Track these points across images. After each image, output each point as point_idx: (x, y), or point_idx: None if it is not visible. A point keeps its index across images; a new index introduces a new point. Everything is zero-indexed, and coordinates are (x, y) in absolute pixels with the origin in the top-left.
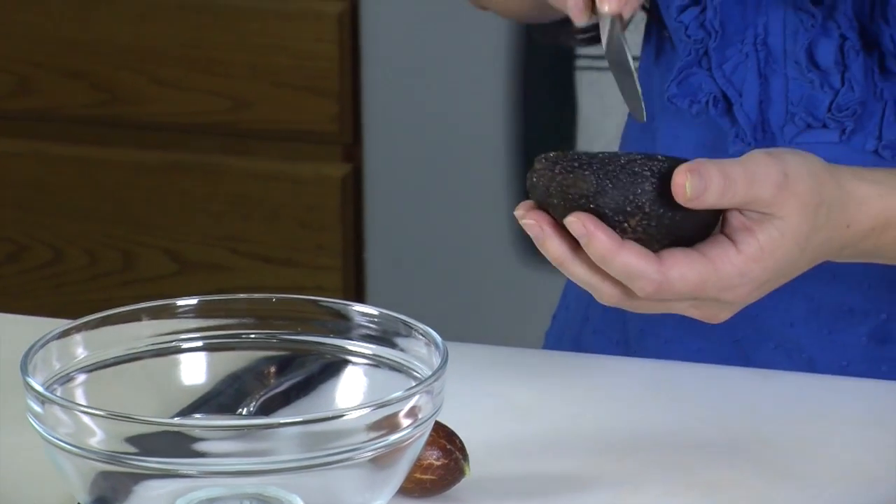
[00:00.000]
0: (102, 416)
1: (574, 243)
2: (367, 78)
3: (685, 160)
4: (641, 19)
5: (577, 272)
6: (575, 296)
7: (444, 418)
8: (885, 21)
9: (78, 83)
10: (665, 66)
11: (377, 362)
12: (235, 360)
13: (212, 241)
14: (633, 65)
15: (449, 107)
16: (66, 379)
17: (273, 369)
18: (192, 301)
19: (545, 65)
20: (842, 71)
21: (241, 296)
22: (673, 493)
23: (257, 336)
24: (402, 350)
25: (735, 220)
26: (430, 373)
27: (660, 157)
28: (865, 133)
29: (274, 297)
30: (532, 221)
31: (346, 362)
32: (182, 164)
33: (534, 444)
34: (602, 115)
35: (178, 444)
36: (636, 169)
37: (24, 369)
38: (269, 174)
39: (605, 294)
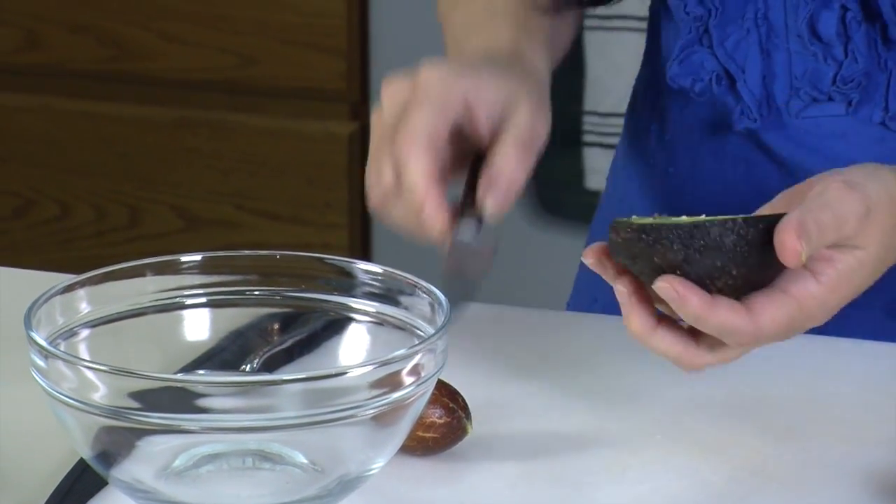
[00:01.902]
0: (105, 371)
1: (654, 317)
2: (375, 35)
3: (764, 218)
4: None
5: (661, 344)
6: (585, 278)
7: (446, 376)
8: None
9: (85, 38)
10: (666, 45)
11: (380, 320)
12: (239, 317)
13: (219, 197)
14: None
15: None
16: (70, 334)
17: (276, 326)
18: (196, 257)
19: None
20: (845, 42)
21: (246, 252)
22: (674, 452)
23: (261, 293)
24: (405, 308)
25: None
26: (433, 331)
27: (739, 219)
28: (872, 104)
29: (278, 253)
30: (624, 289)
31: (350, 320)
32: (189, 120)
33: (535, 403)
34: (610, 74)
35: (180, 400)
36: (721, 238)
37: (28, 323)
38: (277, 131)
39: (687, 361)
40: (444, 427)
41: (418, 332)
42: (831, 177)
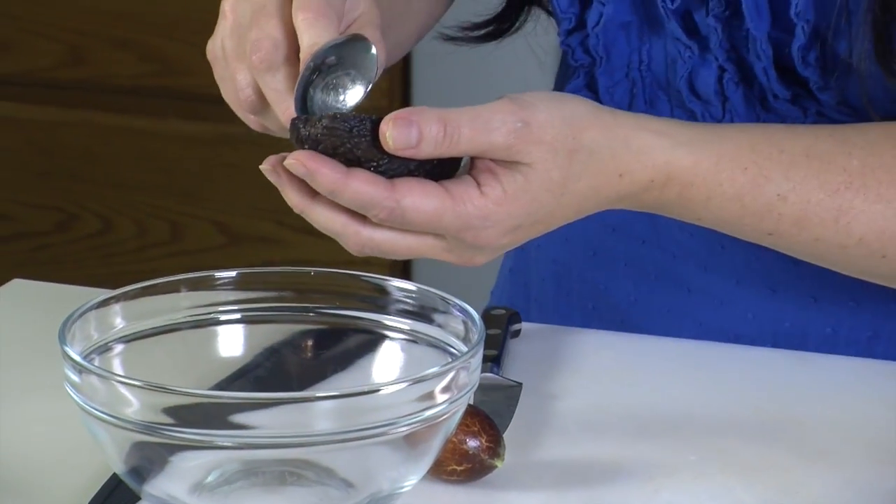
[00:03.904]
0: (139, 387)
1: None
2: (418, 53)
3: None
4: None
5: (320, 217)
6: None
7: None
8: (757, 56)
9: (128, 54)
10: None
11: (414, 338)
12: (273, 334)
13: (260, 213)
14: None
15: (499, 82)
16: (104, 349)
17: (310, 343)
18: (231, 273)
19: None
20: (722, 101)
21: (280, 269)
22: (707, 474)
23: (295, 309)
24: (439, 326)
25: (481, 163)
26: (466, 349)
27: None
28: None
29: (312, 270)
30: (268, 167)
31: (384, 337)
32: (231, 136)
33: (567, 425)
34: None
35: (214, 416)
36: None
37: (63, 338)
38: None
39: (350, 238)
40: (475, 459)
41: (451, 349)
42: (515, 93)
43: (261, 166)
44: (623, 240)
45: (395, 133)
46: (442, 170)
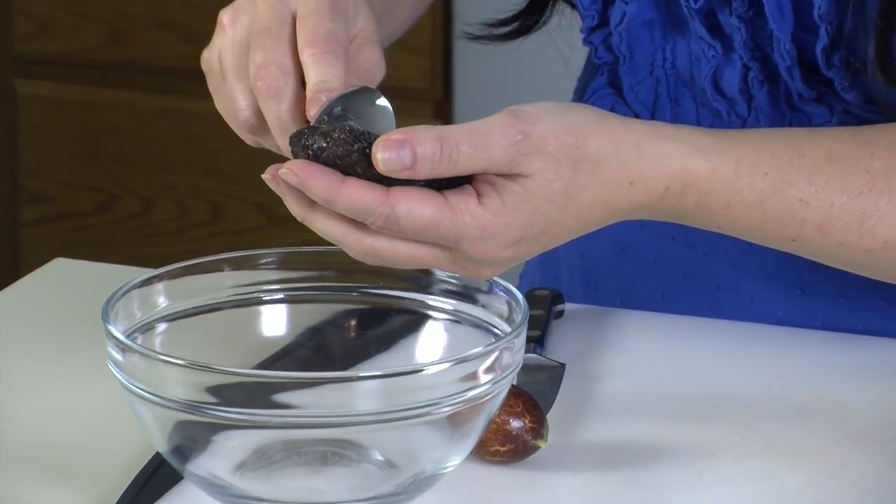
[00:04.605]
0: (182, 366)
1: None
2: (459, 34)
3: None
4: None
5: (321, 226)
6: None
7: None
8: (781, 56)
9: (170, 34)
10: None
11: (458, 318)
12: (316, 313)
13: None
14: None
15: (540, 63)
16: (147, 328)
17: (353, 323)
18: (275, 252)
19: None
20: (748, 99)
21: (323, 248)
22: (751, 456)
23: (338, 289)
24: (482, 306)
25: (482, 174)
26: (510, 329)
27: None
28: None
29: None
30: (269, 176)
31: (427, 317)
32: None
33: (611, 406)
34: None
35: (257, 395)
36: None
37: (106, 317)
38: None
39: (352, 246)
40: (519, 439)
41: (495, 330)
42: (516, 105)
43: (262, 175)
44: (652, 236)
45: (387, 156)
46: (445, 183)
